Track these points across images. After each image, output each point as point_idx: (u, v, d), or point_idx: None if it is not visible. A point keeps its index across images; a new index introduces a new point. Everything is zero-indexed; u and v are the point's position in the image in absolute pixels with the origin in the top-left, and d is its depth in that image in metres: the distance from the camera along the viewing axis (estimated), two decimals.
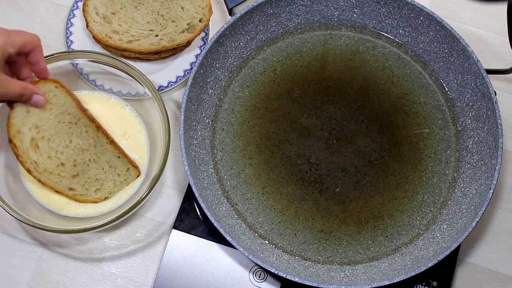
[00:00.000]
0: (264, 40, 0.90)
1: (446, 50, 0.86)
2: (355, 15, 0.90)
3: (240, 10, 0.86)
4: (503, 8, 0.96)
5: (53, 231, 0.78)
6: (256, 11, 0.87)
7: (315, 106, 0.88)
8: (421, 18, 0.86)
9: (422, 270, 0.76)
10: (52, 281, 0.83)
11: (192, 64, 0.91)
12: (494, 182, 0.79)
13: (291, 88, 0.88)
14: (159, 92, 0.89)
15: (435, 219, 0.83)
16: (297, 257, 0.81)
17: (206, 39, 0.92)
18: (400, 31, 0.89)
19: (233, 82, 0.89)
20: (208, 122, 0.86)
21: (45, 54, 0.85)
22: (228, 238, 0.77)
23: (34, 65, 0.76)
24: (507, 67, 0.88)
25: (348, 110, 0.87)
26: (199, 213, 0.84)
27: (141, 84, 0.83)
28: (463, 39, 0.84)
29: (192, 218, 0.84)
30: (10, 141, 0.77)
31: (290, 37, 0.90)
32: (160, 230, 0.85)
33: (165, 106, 0.83)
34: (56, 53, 0.84)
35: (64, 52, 0.84)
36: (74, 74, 0.88)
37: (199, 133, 0.85)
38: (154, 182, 0.80)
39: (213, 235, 0.83)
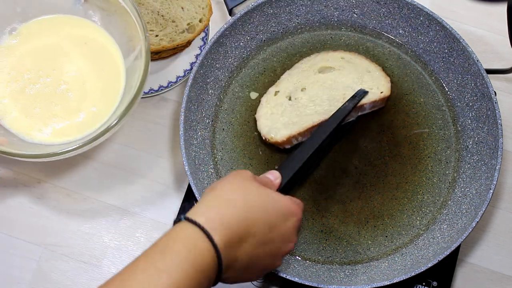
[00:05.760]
0: (264, 40, 0.90)
1: (446, 50, 0.86)
2: (355, 15, 0.90)
3: (240, 10, 0.86)
4: (503, 8, 0.96)
5: (15, 156, 0.75)
6: (256, 11, 0.87)
7: None
8: (421, 18, 0.86)
9: (422, 270, 0.76)
10: (52, 281, 0.83)
11: (192, 64, 0.91)
12: (494, 182, 0.79)
13: None
14: (159, 92, 0.89)
15: (435, 219, 0.83)
16: (297, 257, 0.81)
17: (206, 39, 0.92)
18: (400, 31, 0.89)
19: (233, 82, 0.89)
20: (208, 122, 0.86)
21: None
22: None
23: None
24: (507, 67, 0.88)
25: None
26: None
27: None
28: (463, 39, 0.84)
29: None
30: None
31: (290, 37, 0.90)
32: (160, 230, 0.85)
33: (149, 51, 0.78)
34: None
35: None
36: None
37: (199, 133, 0.85)
38: (128, 108, 0.76)
39: None
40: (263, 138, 0.84)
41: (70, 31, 0.85)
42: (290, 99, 0.85)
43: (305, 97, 0.85)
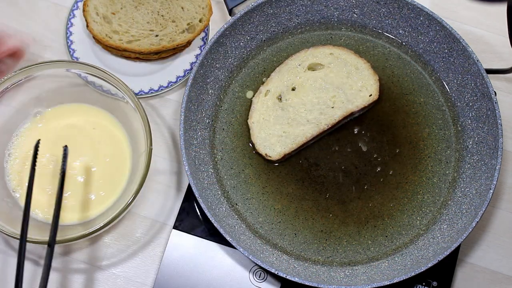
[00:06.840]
0: (264, 40, 0.90)
1: (446, 50, 0.86)
2: (355, 15, 0.90)
3: (240, 10, 0.86)
4: (503, 8, 0.96)
5: (38, 243, 0.76)
6: (256, 11, 0.87)
7: None
8: (421, 18, 0.86)
9: (422, 270, 0.76)
10: (52, 281, 0.83)
11: (192, 64, 0.91)
12: (494, 182, 0.79)
13: None
14: (159, 92, 0.89)
15: (435, 219, 0.83)
16: (297, 257, 0.81)
17: (206, 39, 0.92)
18: (400, 31, 0.89)
19: (233, 82, 0.89)
20: (208, 122, 0.86)
21: (44, 55, 0.84)
22: (228, 238, 0.77)
23: None
24: (507, 67, 0.88)
25: None
26: (199, 213, 0.84)
27: (120, 91, 0.82)
28: (463, 39, 0.84)
29: (192, 218, 0.84)
30: None
31: (290, 37, 0.90)
32: (160, 230, 0.85)
33: (145, 110, 0.81)
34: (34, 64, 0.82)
35: (44, 63, 0.82)
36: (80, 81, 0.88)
37: (199, 133, 0.85)
38: (138, 188, 0.78)
39: (213, 235, 0.83)
40: (258, 152, 0.85)
41: (83, 118, 0.86)
42: (280, 100, 0.86)
43: (295, 99, 0.85)
